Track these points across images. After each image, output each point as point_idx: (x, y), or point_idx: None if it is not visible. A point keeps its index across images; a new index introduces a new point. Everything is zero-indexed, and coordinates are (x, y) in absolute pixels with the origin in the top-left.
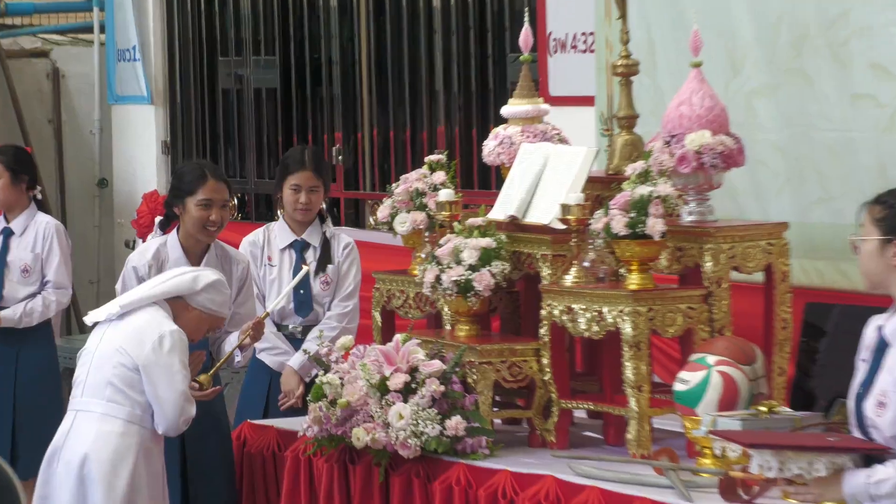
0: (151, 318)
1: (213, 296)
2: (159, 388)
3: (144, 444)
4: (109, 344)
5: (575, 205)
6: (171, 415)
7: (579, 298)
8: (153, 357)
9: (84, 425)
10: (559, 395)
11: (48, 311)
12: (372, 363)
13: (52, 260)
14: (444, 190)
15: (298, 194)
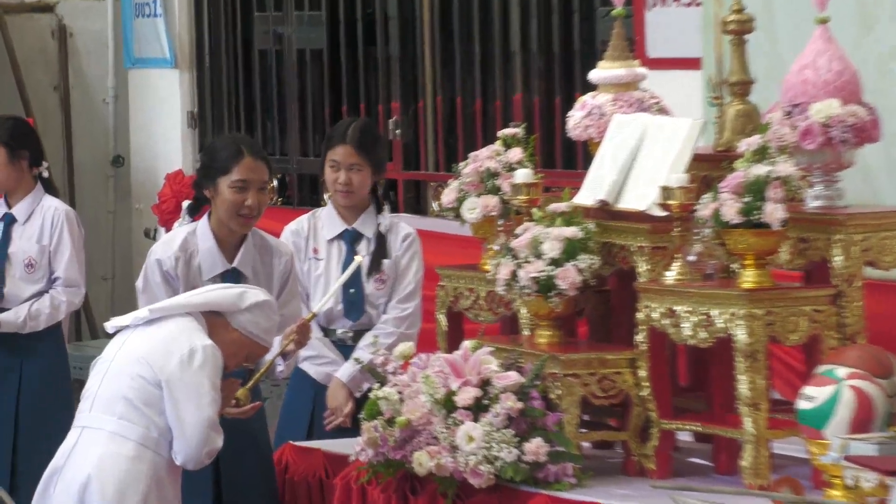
0: (183, 328)
1: (259, 319)
2: (183, 409)
3: (157, 474)
4: (130, 352)
5: (678, 187)
6: (194, 443)
7: (683, 299)
8: (179, 372)
9: (89, 444)
10: (659, 414)
11: (57, 314)
12: (436, 375)
13: (63, 252)
14: (521, 170)
15: (337, 173)
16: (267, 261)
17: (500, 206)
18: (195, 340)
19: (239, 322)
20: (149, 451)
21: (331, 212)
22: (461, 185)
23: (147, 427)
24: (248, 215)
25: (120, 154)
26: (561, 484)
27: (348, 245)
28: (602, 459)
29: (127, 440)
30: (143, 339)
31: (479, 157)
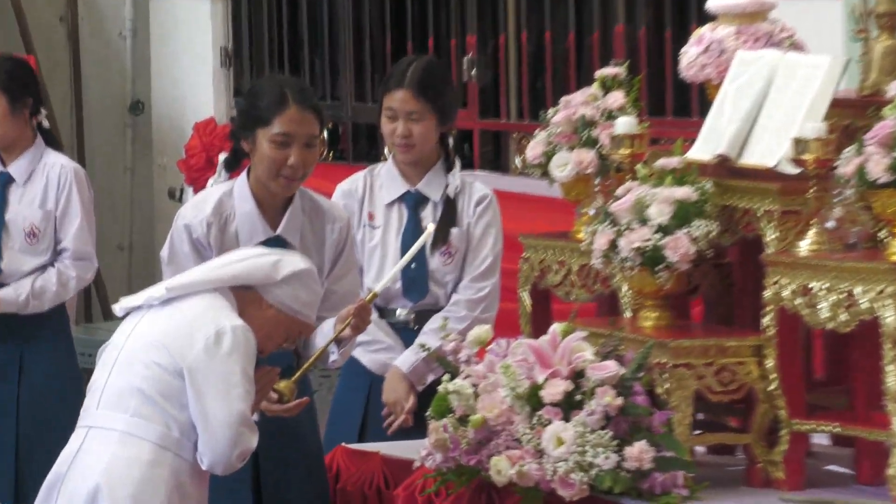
0: (208, 306)
1: (299, 291)
2: (209, 403)
3: (179, 480)
4: (143, 336)
5: (814, 139)
6: (222, 443)
7: (820, 274)
8: (205, 359)
9: (98, 447)
10: (790, 412)
11: (65, 292)
12: (519, 365)
13: (71, 219)
14: (624, 118)
15: (394, 123)
16: (318, 227)
17: (598, 161)
18: (223, 321)
19: (275, 296)
20: (168, 453)
21: (391, 170)
22: (550, 136)
23: (166, 425)
24: (290, 176)
25: (139, 99)
26: (670, 497)
27: (410, 210)
28: (720, 467)
29: (142, 441)
30: (159, 320)
31: (572, 103)
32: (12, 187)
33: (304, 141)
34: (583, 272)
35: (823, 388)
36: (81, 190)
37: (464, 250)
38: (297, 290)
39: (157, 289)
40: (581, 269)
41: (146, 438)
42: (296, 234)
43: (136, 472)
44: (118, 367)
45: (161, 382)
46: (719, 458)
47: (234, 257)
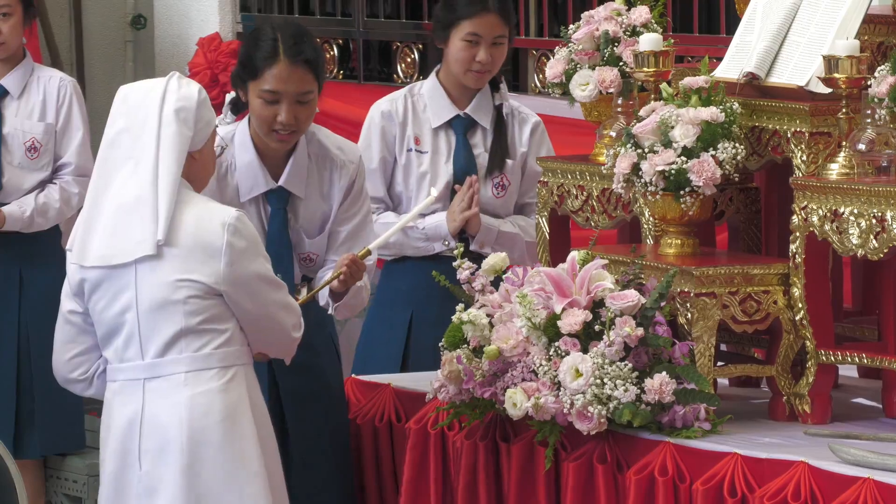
0: (199, 211)
1: (202, 116)
2: (260, 306)
3: (249, 387)
4: (160, 277)
5: (846, 57)
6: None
7: (850, 198)
8: (232, 272)
9: (167, 397)
10: (817, 343)
11: (68, 209)
12: (535, 294)
13: (73, 133)
14: (648, 34)
15: (475, 49)
16: (325, 173)
17: (620, 80)
18: (221, 214)
19: (196, 140)
20: (233, 368)
21: (436, 90)
22: (570, 53)
23: (223, 343)
24: (283, 132)
25: (141, 14)
26: (691, 430)
27: (460, 135)
28: (743, 400)
29: (209, 371)
30: (165, 262)
31: (595, 19)
32: (6, 100)
33: (295, 98)
34: (603, 197)
35: (852, 318)
36: (81, 104)
37: (517, 183)
38: (204, 115)
39: (143, 246)
40: (602, 194)
41: (211, 367)
42: (300, 184)
43: (216, 401)
44: (148, 315)
45: (205, 310)
46: (743, 390)
47: (150, 152)
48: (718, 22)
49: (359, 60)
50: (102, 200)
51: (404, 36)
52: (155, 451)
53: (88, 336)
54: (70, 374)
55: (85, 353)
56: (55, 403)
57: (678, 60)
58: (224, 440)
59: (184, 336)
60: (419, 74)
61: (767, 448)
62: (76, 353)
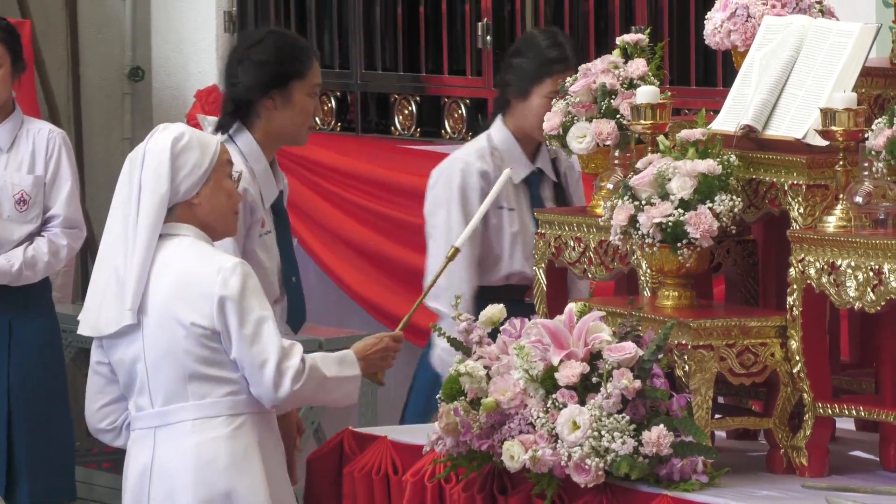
0: (195, 260)
1: (188, 160)
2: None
3: (261, 434)
4: (163, 335)
5: (843, 110)
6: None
7: (848, 251)
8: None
9: (174, 444)
10: (815, 396)
11: (56, 261)
12: (533, 346)
13: (61, 185)
14: (645, 87)
15: None
16: None
17: (617, 133)
18: (217, 261)
19: (185, 188)
20: (243, 416)
21: (512, 145)
22: (568, 106)
23: (231, 391)
24: (310, 125)
25: (139, 66)
26: (689, 483)
27: (534, 189)
28: (741, 453)
29: (216, 418)
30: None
31: (592, 71)
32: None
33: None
34: (600, 249)
35: (849, 370)
36: (70, 155)
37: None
38: (187, 161)
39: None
40: (599, 246)
41: (219, 414)
42: (284, 187)
43: (223, 448)
44: (155, 364)
45: (209, 356)
46: (740, 443)
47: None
48: (715, 74)
49: (356, 112)
50: (102, 267)
51: (402, 88)
52: (163, 498)
53: (115, 386)
54: (99, 423)
55: (112, 403)
56: (46, 454)
57: (675, 113)
58: (230, 487)
59: (189, 383)
60: (416, 127)
61: (765, 501)
62: (104, 404)
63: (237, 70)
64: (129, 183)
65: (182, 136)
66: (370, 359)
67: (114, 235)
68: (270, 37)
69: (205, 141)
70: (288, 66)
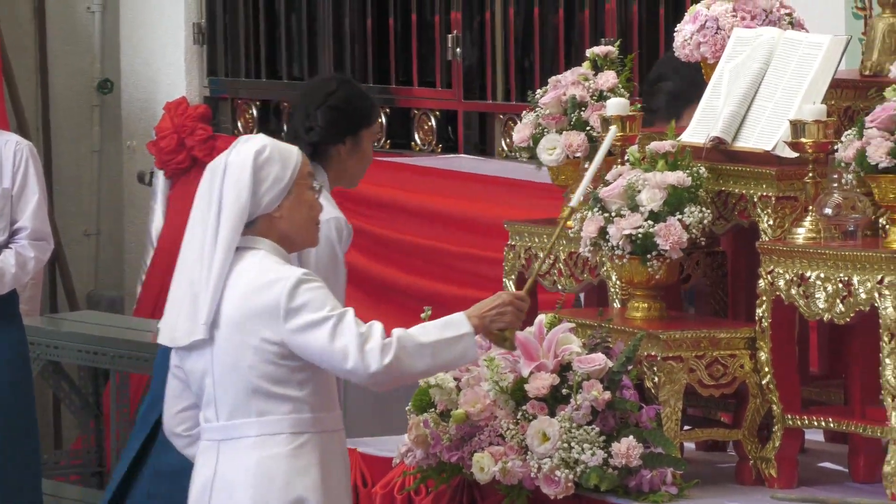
0: (256, 268)
1: (269, 173)
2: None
3: (324, 454)
4: (231, 350)
5: (812, 122)
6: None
7: (817, 263)
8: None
9: (236, 459)
10: (784, 407)
11: (24, 274)
12: (503, 357)
13: (28, 197)
14: (615, 99)
15: None
16: None
17: (587, 144)
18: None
19: (267, 201)
20: (305, 435)
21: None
22: (538, 118)
23: (294, 409)
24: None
25: (108, 78)
26: (658, 495)
27: None
28: (710, 464)
29: (278, 436)
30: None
31: (562, 83)
32: None
33: None
34: (570, 261)
35: (819, 382)
36: (37, 167)
37: None
38: (269, 174)
39: (197, 330)
40: (569, 258)
41: (281, 432)
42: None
43: (283, 465)
44: (222, 377)
45: (273, 372)
46: (710, 454)
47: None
48: None
49: None
50: (180, 279)
51: None
52: None
53: (192, 393)
54: (176, 428)
55: (190, 409)
56: (13, 467)
57: (644, 125)
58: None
59: (252, 399)
60: (386, 139)
61: None
62: (182, 409)
63: (316, 115)
64: (208, 195)
65: (264, 148)
66: (486, 316)
67: (191, 248)
68: (344, 86)
69: (286, 153)
70: (360, 114)
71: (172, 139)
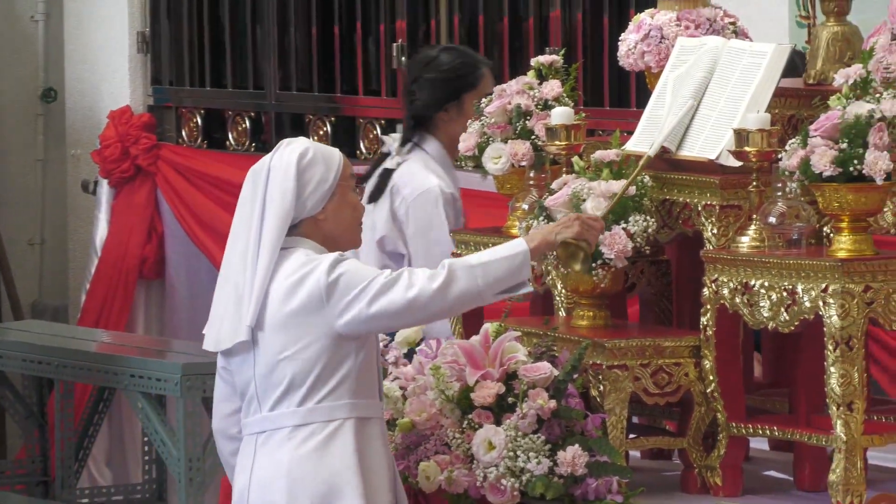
0: (294, 265)
1: (313, 176)
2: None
3: (363, 439)
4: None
5: (757, 131)
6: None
7: (761, 271)
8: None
9: (271, 452)
10: (729, 416)
11: None
12: (448, 366)
13: None
14: (560, 108)
15: None
16: None
17: (532, 153)
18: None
19: (312, 203)
20: (339, 421)
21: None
22: (483, 127)
23: (331, 397)
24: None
25: (52, 87)
26: (604, 503)
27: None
28: (656, 473)
29: (313, 425)
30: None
31: (507, 92)
32: None
33: None
34: None
35: (764, 390)
36: None
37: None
38: (312, 177)
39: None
40: None
41: (316, 420)
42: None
43: (314, 457)
44: (263, 377)
45: (311, 358)
46: (655, 463)
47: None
48: (629, 96)
49: (271, 133)
50: (224, 283)
51: (317, 108)
52: None
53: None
54: (231, 429)
55: (240, 411)
56: None
57: (590, 134)
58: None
59: (291, 391)
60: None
61: None
62: (233, 411)
63: (414, 88)
64: (251, 200)
65: (307, 151)
66: (551, 232)
67: (235, 251)
68: (443, 54)
69: (328, 155)
70: (460, 80)
71: (116, 148)
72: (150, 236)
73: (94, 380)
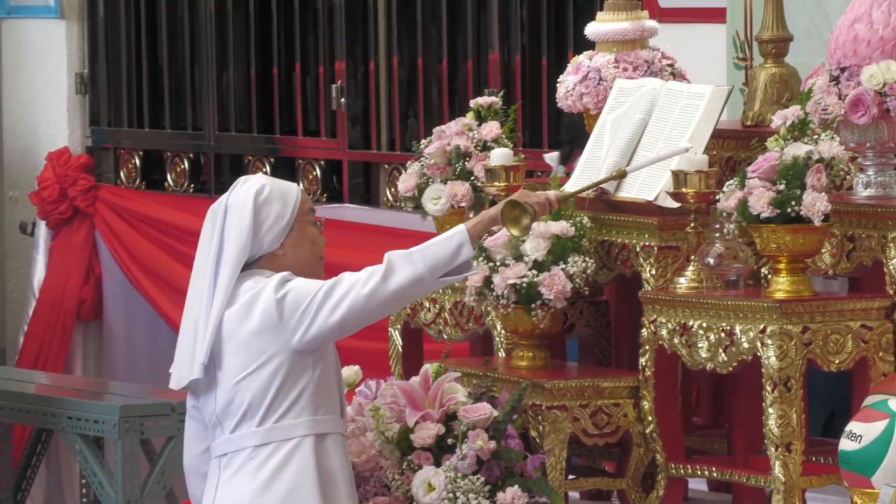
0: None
1: (270, 212)
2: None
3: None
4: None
5: (695, 172)
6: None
7: (699, 312)
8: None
9: (233, 473)
10: (667, 456)
11: None
12: (388, 407)
13: None
14: (499, 149)
15: None
16: None
17: (472, 194)
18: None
19: (268, 241)
20: (298, 438)
21: None
22: (423, 168)
23: (292, 415)
24: None
25: None
26: None
27: None
28: None
29: (274, 444)
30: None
31: (446, 134)
32: None
33: None
34: (456, 310)
35: (702, 431)
36: None
37: None
38: (269, 213)
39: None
40: (454, 307)
41: (276, 440)
42: None
43: (274, 483)
44: (223, 399)
45: (268, 376)
46: (594, 503)
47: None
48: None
49: (210, 174)
50: (186, 321)
51: (256, 150)
52: None
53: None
54: (202, 467)
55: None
56: None
57: (528, 175)
58: None
59: (249, 411)
60: None
61: None
62: (204, 450)
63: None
64: (209, 238)
65: (263, 188)
66: (490, 210)
67: (195, 289)
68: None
69: (286, 191)
70: None
71: (55, 189)
72: (87, 278)
73: (33, 421)
